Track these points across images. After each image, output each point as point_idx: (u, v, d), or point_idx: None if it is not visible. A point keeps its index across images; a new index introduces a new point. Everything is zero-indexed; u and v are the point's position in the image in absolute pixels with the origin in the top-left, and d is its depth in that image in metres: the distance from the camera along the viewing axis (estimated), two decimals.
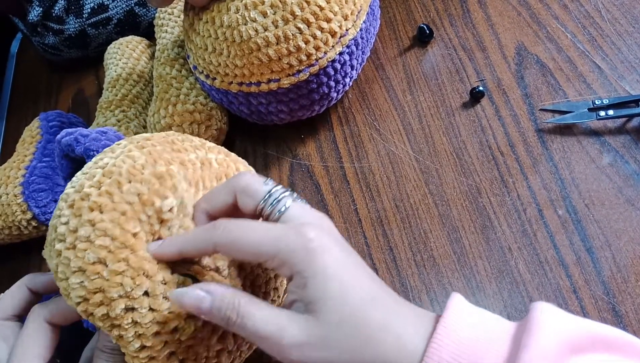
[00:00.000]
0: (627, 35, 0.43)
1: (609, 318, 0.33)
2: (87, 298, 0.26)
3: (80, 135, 0.35)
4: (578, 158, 0.39)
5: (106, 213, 0.27)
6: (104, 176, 0.28)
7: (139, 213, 0.27)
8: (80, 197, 0.27)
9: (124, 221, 0.27)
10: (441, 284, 0.38)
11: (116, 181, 0.27)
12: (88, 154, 0.34)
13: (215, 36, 0.40)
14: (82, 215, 0.27)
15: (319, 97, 0.43)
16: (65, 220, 0.27)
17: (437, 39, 0.49)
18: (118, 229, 0.26)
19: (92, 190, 0.27)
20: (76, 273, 0.26)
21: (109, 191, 0.27)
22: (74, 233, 0.26)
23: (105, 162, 0.29)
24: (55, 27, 0.59)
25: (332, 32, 0.39)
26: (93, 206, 0.27)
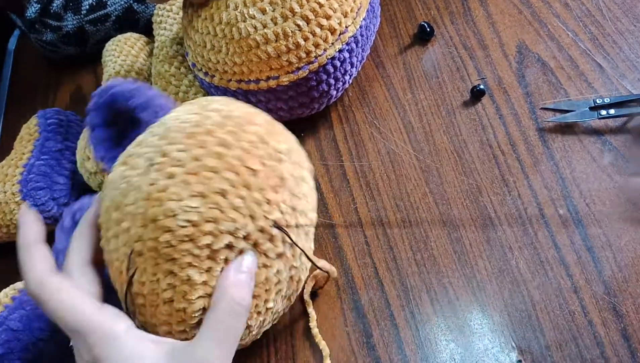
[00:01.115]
0: (629, 34, 0.43)
1: (609, 318, 0.33)
2: (197, 224, 0.27)
3: (144, 87, 0.34)
4: (579, 157, 0.39)
5: (232, 150, 0.29)
6: (225, 118, 0.30)
7: (260, 152, 0.29)
8: (203, 131, 0.29)
9: (247, 160, 0.29)
10: (441, 283, 0.37)
11: (238, 123, 0.30)
12: (147, 108, 0.33)
13: (214, 33, 0.40)
14: (208, 147, 0.28)
15: (318, 95, 0.43)
16: (183, 147, 0.28)
17: (438, 37, 0.49)
18: (242, 168, 0.28)
19: (214, 128, 0.29)
20: (195, 198, 0.27)
21: (232, 130, 0.29)
22: (196, 161, 0.28)
23: (215, 107, 0.31)
24: (53, 23, 0.59)
25: (331, 29, 0.39)
26: (222, 142, 0.29)
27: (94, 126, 0.35)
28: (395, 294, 0.38)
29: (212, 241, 0.27)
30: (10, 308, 0.39)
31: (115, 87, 0.34)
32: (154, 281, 0.28)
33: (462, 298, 0.37)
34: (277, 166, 0.30)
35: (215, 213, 0.27)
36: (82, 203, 0.38)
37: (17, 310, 0.39)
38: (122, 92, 0.33)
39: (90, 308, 0.26)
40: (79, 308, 0.26)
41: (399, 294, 0.38)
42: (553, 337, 0.34)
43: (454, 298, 0.37)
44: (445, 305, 0.37)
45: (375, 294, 0.38)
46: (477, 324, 0.36)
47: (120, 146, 0.35)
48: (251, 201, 0.28)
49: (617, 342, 0.33)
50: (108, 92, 0.34)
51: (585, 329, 0.33)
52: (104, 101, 0.34)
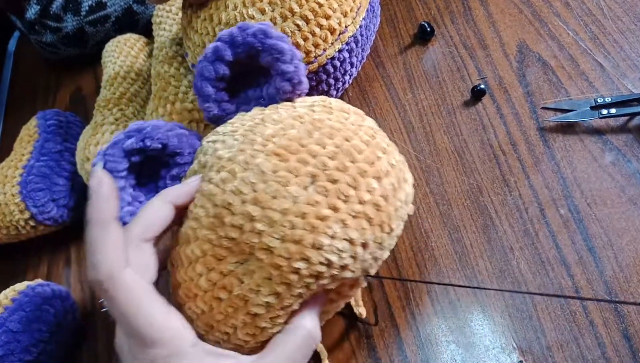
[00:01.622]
0: (630, 33, 0.43)
1: (611, 318, 0.33)
2: (332, 266, 0.26)
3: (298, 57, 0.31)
4: (580, 156, 0.39)
5: (389, 203, 0.28)
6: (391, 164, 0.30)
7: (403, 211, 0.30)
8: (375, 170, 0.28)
9: (393, 216, 0.29)
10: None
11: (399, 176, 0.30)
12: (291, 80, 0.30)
13: (214, 34, 0.40)
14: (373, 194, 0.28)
15: (318, 95, 0.43)
16: (353, 183, 0.27)
17: (438, 36, 0.48)
18: (387, 223, 0.28)
19: (382, 173, 0.29)
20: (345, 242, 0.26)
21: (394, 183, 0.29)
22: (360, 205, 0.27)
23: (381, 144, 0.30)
24: (53, 25, 0.59)
25: (331, 29, 0.39)
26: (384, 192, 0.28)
27: (218, 58, 0.31)
28: (395, 295, 0.38)
29: (329, 283, 0.27)
30: (10, 310, 0.39)
31: (271, 39, 0.30)
32: (254, 290, 0.26)
33: (462, 298, 0.36)
34: (401, 227, 0.30)
35: (350, 261, 0.27)
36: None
37: (17, 312, 0.39)
38: (280, 50, 0.30)
39: (160, 316, 0.24)
40: (148, 315, 0.24)
41: (399, 295, 0.38)
42: (554, 338, 0.34)
43: (455, 299, 0.37)
44: (446, 305, 0.37)
45: (376, 295, 0.38)
46: (478, 325, 0.35)
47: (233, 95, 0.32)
48: (371, 256, 0.28)
49: (618, 342, 0.33)
50: (262, 39, 0.30)
51: (587, 329, 0.33)
52: (247, 42, 0.30)
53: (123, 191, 0.31)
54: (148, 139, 0.31)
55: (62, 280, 0.49)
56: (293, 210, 0.26)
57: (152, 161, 0.33)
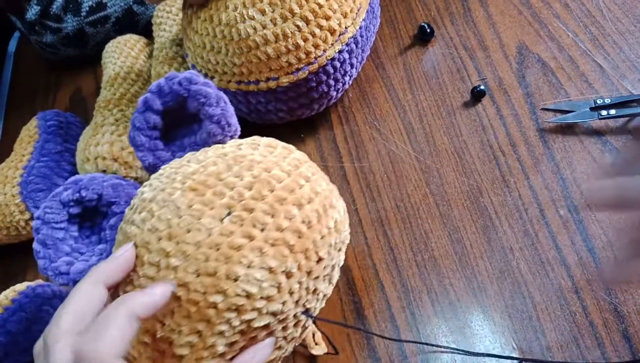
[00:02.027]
0: (629, 35, 0.43)
1: (610, 318, 0.33)
2: (252, 298, 0.26)
3: (224, 99, 0.32)
4: (580, 157, 0.39)
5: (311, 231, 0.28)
6: (313, 192, 0.29)
7: (331, 239, 0.29)
8: (293, 199, 0.28)
9: (320, 247, 0.28)
10: (442, 285, 0.37)
11: (322, 204, 0.29)
12: (219, 122, 0.31)
13: (214, 34, 0.40)
14: (292, 221, 0.27)
15: (318, 96, 0.43)
16: (270, 210, 0.27)
17: (438, 38, 0.49)
18: (313, 253, 0.28)
19: (304, 202, 0.28)
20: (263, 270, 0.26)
21: (318, 210, 0.29)
22: (279, 232, 0.27)
23: (306, 174, 0.30)
24: (53, 25, 0.59)
25: (331, 30, 0.39)
26: (305, 219, 0.28)
27: (148, 108, 0.32)
28: (395, 295, 0.38)
29: (255, 319, 0.26)
30: (10, 310, 0.39)
31: (196, 85, 0.31)
32: (175, 331, 0.25)
33: (462, 299, 0.36)
34: (335, 256, 0.30)
35: (273, 292, 0.26)
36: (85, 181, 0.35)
37: (17, 312, 0.39)
38: (204, 95, 0.31)
39: None
40: None
41: (399, 295, 0.38)
42: (554, 338, 0.34)
43: (455, 300, 0.37)
44: (446, 306, 0.37)
45: (376, 295, 0.38)
46: (478, 325, 0.35)
47: (164, 141, 0.32)
48: (304, 288, 0.27)
49: (618, 342, 0.33)
50: (187, 86, 0.31)
51: (587, 330, 0.33)
52: (174, 91, 0.31)
53: (62, 242, 0.32)
54: (84, 190, 0.33)
55: None
56: (206, 242, 0.25)
57: (94, 213, 0.34)
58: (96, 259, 0.32)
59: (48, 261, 0.31)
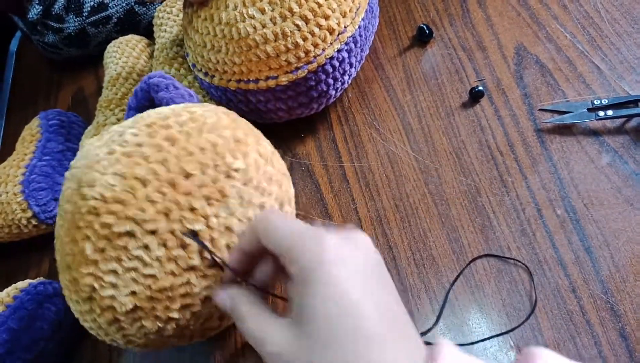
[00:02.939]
0: (627, 36, 0.43)
1: (607, 317, 0.34)
2: (106, 200, 0.28)
3: (173, 85, 0.36)
4: (577, 157, 0.39)
5: (174, 147, 0.29)
6: (190, 120, 0.30)
7: (206, 160, 0.29)
8: (162, 124, 0.30)
9: (185, 161, 0.29)
10: (440, 283, 0.38)
11: (199, 128, 0.30)
12: (168, 105, 0.35)
13: (214, 33, 0.40)
14: (155, 138, 0.29)
15: (317, 95, 0.43)
16: (136, 132, 0.30)
17: (437, 39, 0.49)
18: (176, 165, 0.29)
19: (175, 125, 0.30)
20: (116, 176, 0.28)
21: (189, 132, 0.30)
22: (137, 146, 0.29)
23: (193, 109, 0.32)
24: (55, 25, 0.59)
25: (330, 29, 0.39)
26: (169, 136, 0.29)
27: (129, 107, 0.37)
28: None
29: (114, 222, 0.27)
30: (11, 308, 0.39)
31: (153, 78, 0.36)
32: (64, 241, 0.29)
33: (460, 297, 0.37)
34: (220, 179, 0.29)
35: (128, 196, 0.28)
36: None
37: (18, 310, 0.39)
38: (157, 84, 0.36)
39: None
40: None
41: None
42: (551, 336, 0.34)
43: (453, 298, 0.37)
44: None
45: None
46: (476, 323, 0.36)
47: None
48: (170, 201, 0.28)
49: (614, 341, 0.33)
50: (147, 81, 0.36)
51: (583, 328, 0.34)
52: (140, 87, 0.37)
53: None
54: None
55: None
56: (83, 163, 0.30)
57: None
58: None
59: None
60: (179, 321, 0.30)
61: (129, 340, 0.30)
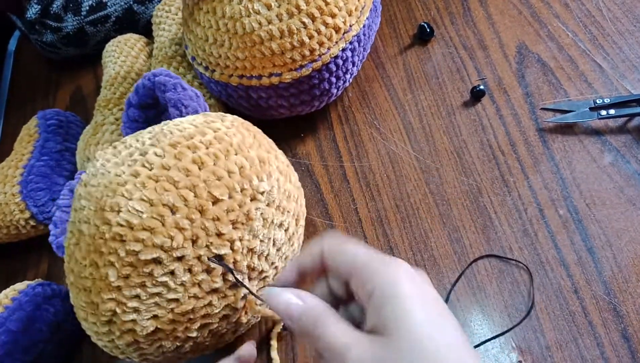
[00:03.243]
0: (629, 35, 0.43)
1: (609, 318, 0.33)
2: (134, 228, 0.27)
3: (181, 85, 0.35)
4: (579, 157, 0.39)
5: (203, 171, 0.28)
6: (216, 139, 0.30)
7: (233, 184, 0.29)
8: (188, 144, 0.29)
9: (214, 187, 0.28)
10: (442, 284, 0.37)
11: (226, 149, 0.30)
12: (177, 106, 0.34)
13: (217, 27, 0.39)
14: (182, 160, 0.28)
15: (319, 93, 0.43)
16: (160, 152, 0.29)
17: (438, 37, 0.49)
18: (205, 190, 0.28)
19: (201, 146, 0.29)
20: (144, 202, 0.27)
21: (216, 154, 0.29)
22: (164, 170, 0.28)
23: (216, 126, 0.31)
24: (54, 24, 0.59)
25: (336, 28, 0.39)
26: (197, 159, 0.28)
27: (129, 104, 0.36)
28: None
29: (140, 250, 0.27)
30: (10, 309, 0.39)
31: (159, 76, 0.35)
32: (81, 264, 0.28)
33: (462, 298, 0.37)
34: (247, 203, 0.29)
35: (156, 224, 0.27)
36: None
37: (17, 311, 0.39)
38: (164, 83, 0.35)
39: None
40: None
41: None
42: (553, 338, 0.34)
43: (454, 299, 0.37)
44: None
45: None
46: (478, 325, 0.35)
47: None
48: (199, 227, 0.28)
49: (617, 342, 0.33)
50: (152, 79, 0.35)
51: (586, 329, 0.33)
52: (143, 84, 0.35)
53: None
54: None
55: (62, 279, 0.49)
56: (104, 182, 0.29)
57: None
58: None
59: (55, 238, 0.34)
60: (197, 339, 0.30)
61: (145, 358, 0.30)
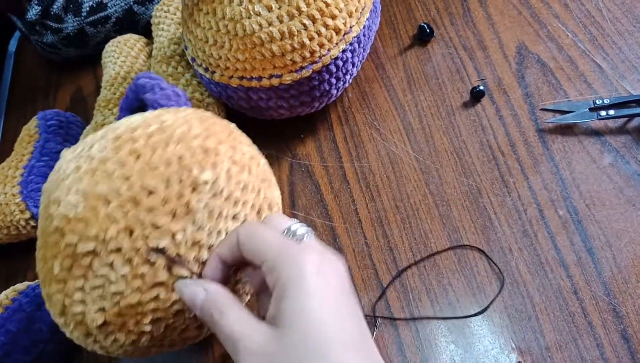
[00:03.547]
0: (628, 35, 0.43)
1: (609, 319, 0.33)
2: (69, 220, 0.27)
3: (159, 86, 0.36)
4: (579, 158, 0.39)
5: (138, 163, 0.28)
6: (158, 131, 0.29)
7: (170, 174, 0.28)
8: (129, 136, 0.29)
9: (148, 177, 0.28)
10: (441, 284, 0.37)
11: (164, 140, 0.29)
12: (154, 106, 0.35)
13: (217, 28, 0.39)
14: (119, 152, 0.28)
15: (319, 94, 0.43)
16: (103, 146, 0.29)
17: (438, 38, 0.49)
18: (138, 181, 0.27)
19: (141, 138, 0.29)
20: (77, 195, 0.27)
21: (154, 145, 0.28)
22: (102, 163, 0.28)
23: (164, 118, 0.31)
24: (54, 25, 0.59)
25: (336, 29, 0.39)
26: (133, 151, 0.28)
27: (121, 108, 0.37)
28: (395, 295, 0.38)
29: (77, 242, 0.27)
30: (10, 310, 0.39)
31: (140, 79, 0.36)
32: (38, 258, 0.29)
33: (462, 299, 0.37)
34: (186, 194, 0.28)
35: (89, 215, 0.27)
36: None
37: (17, 312, 0.39)
38: (143, 85, 0.35)
39: None
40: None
41: (398, 295, 0.38)
42: (553, 338, 0.34)
43: (454, 300, 0.37)
44: (445, 306, 0.37)
45: (375, 295, 0.38)
46: (477, 325, 0.35)
47: None
48: (133, 218, 0.27)
49: (617, 343, 0.33)
50: (135, 82, 0.36)
51: (585, 330, 0.33)
52: (130, 88, 0.36)
53: None
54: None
55: None
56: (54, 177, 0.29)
57: None
58: None
59: None
60: (153, 333, 0.30)
61: (107, 351, 0.30)
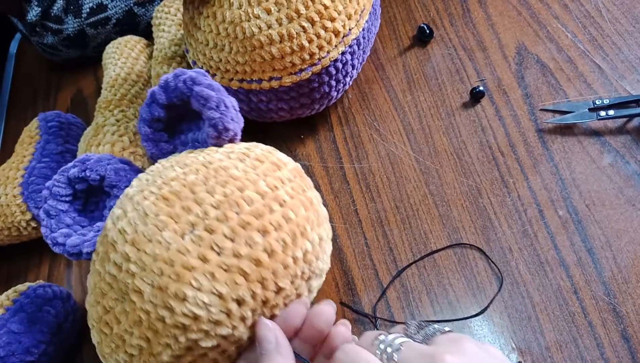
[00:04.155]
0: (628, 35, 0.43)
1: (609, 319, 0.33)
2: (199, 320, 0.25)
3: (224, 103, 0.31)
4: (579, 158, 0.39)
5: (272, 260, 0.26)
6: (283, 218, 0.27)
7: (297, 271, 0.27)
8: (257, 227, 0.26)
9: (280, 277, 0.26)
10: (441, 285, 0.37)
11: (293, 232, 0.27)
12: (215, 126, 0.31)
13: (217, 32, 0.40)
14: (253, 248, 0.26)
15: (319, 96, 0.43)
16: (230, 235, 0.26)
17: (437, 38, 0.49)
18: (272, 283, 0.26)
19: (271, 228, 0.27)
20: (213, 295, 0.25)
21: (285, 239, 0.27)
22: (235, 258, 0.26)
23: (282, 198, 0.28)
24: (54, 27, 0.59)
25: (335, 32, 0.39)
26: (267, 247, 0.26)
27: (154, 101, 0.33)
28: (395, 296, 0.38)
29: (201, 339, 0.25)
30: (11, 311, 0.39)
31: (198, 86, 0.31)
32: (128, 332, 0.26)
33: (462, 299, 0.37)
34: (302, 285, 0.28)
35: (221, 317, 0.25)
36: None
37: (18, 313, 0.39)
38: (205, 97, 0.31)
39: None
40: None
41: (399, 296, 0.38)
42: (553, 338, 0.34)
43: (454, 300, 0.37)
44: (445, 306, 0.37)
45: (375, 296, 0.38)
46: (477, 325, 0.36)
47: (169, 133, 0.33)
48: (258, 315, 0.26)
49: (617, 343, 0.33)
50: (190, 85, 0.31)
51: (586, 330, 0.33)
52: (176, 86, 0.31)
53: (65, 214, 0.33)
54: (88, 170, 0.33)
55: (63, 281, 0.49)
56: (163, 256, 0.25)
57: (102, 190, 0.35)
58: (93, 234, 0.32)
59: (49, 230, 0.32)
60: None
61: None
